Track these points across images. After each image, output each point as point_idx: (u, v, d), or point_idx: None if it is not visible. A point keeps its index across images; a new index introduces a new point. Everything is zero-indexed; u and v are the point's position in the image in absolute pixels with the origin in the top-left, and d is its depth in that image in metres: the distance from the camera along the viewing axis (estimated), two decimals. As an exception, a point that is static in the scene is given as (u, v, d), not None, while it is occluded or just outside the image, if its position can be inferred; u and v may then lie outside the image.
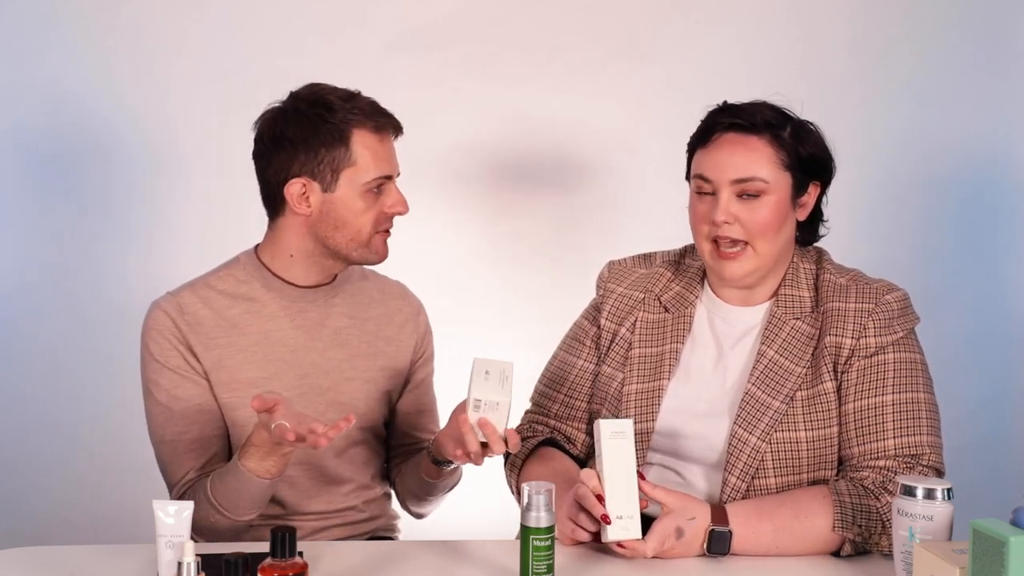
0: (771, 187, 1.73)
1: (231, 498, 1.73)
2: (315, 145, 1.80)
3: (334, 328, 1.91)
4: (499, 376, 1.65)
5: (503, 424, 1.64)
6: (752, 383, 1.75)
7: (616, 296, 1.90)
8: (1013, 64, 2.79)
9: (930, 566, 1.35)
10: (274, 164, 1.83)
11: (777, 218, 1.75)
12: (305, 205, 1.82)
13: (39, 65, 2.71)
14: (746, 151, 1.74)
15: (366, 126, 1.82)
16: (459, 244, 2.81)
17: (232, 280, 1.88)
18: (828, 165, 1.81)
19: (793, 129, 1.76)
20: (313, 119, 1.80)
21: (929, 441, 1.69)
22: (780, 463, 1.72)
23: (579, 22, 2.78)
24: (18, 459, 2.76)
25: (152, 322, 1.84)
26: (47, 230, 2.76)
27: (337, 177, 1.81)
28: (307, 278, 1.89)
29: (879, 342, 1.73)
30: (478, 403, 1.63)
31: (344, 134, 1.80)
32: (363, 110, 1.82)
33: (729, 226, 1.73)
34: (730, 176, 1.73)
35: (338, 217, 1.83)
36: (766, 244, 1.75)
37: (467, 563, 1.63)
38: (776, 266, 1.81)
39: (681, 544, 1.60)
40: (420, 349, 2.01)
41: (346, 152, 1.80)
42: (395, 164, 1.88)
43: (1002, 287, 2.83)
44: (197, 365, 1.83)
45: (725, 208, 1.73)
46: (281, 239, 1.87)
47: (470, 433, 1.64)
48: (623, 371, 1.84)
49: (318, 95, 1.82)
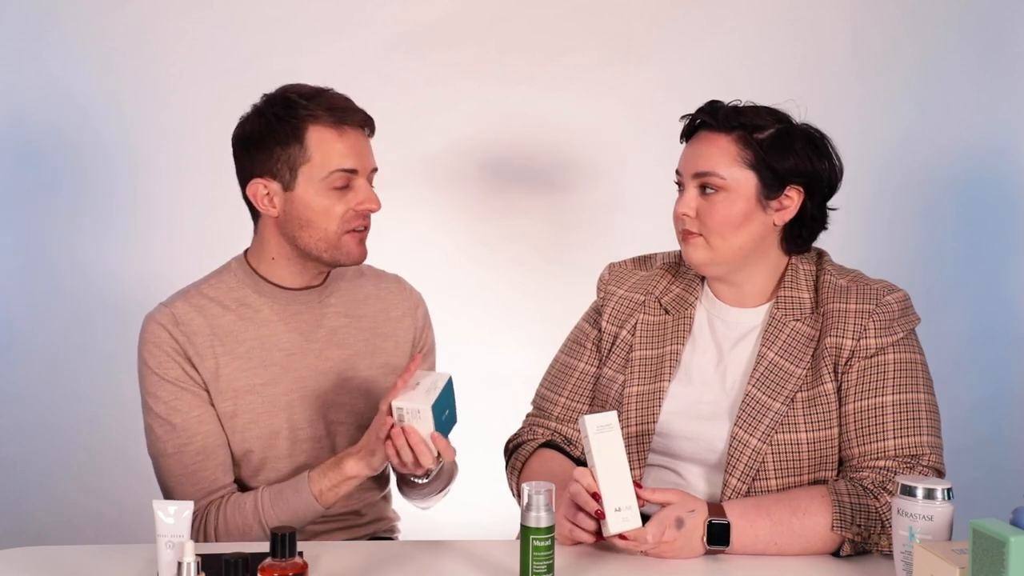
0: (728, 184, 1.75)
1: (284, 513, 1.77)
2: (270, 143, 1.79)
3: (330, 328, 1.90)
4: (427, 388, 1.68)
5: (428, 428, 1.66)
6: (752, 385, 1.75)
7: (617, 298, 1.90)
8: (1013, 64, 2.79)
9: (930, 566, 1.35)
10: (238, 164, 1.84)
11: (733, 215, 1.75)
12: (271, 205, 1.81)
13: (39, 65, 2.71)
14: (709, 147, 1.77)
15: (323, 121, 1.78)
16: (458, 244, 2.81)
17: (224, 287, 1.87)
18: (814, 174, 1.78)
19: (776, 133, 1.76)
20: (270, 118, 1.79)
21: (929, 442, 1.69)
22: (781, 464, 1.72)
23: (579, 22, 2.78)
24: (18, 459, 2.76)
25: (148, 335, 1.82)
26: (47, 229, 2.76)
27: (295, 175, 1.79)
28: (294, 280, 1.88)
29: (879, 343, 1.73)
30: (399, 411, 1.66)
31: (299, 131, 1.78)
32: (323, 105, 1.79)
33: (689, 219, 1.78)
34: (692, 169, 1.78)
35: (301, 216, 1.81)
36: (720, 240, 1.76)
37: (467, 563, 1.63)
38: (754, 265, 1.80)
39: (682, 537, 1.60)
40: (420, 343, 2.00)
41: (300, 148, 1.78)
42: (360, 158, 1.82)
43: (1002, 287, 2.83)
44: (196, 376, 1.82)
45: (687, 201, 1.78)
46: (263, 241, 1.87)
47: (380, 446, 1.70)
48: (624, 373, 1.84)
49: (281, 94, 1.82)
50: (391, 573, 1.59)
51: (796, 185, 1.77)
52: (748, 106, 1.80)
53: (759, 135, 1.76)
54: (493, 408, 2.28)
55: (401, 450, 1.67)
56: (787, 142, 1.76)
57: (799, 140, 1.78)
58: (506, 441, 1.94)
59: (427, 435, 1.66)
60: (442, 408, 1.67)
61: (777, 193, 1.77)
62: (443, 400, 1.68)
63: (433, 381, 1.69)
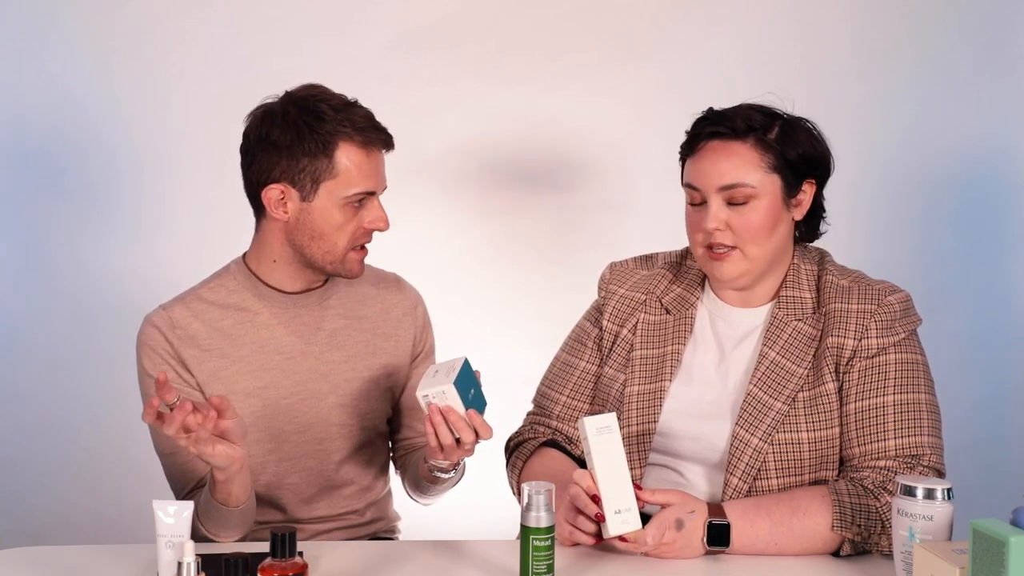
0: (759, 191, 1.74)
1: (217, 525, 1.72)
2: (298, 153, 1.77)
3: (330, 330, 1.90)
4: (446, 371, 1.67)
5: (460, 407, 1.65)
6: (754, 384, 1.75)
7: (618, 298, 1.90)
8: (1013, 64, 2.79)
9: (930, 566, 1.35)
10: (256, 164, 1.81)
11: (768, 221, 1.75)
12: (283, 211, 1.80)
13: (39, 65, 2.71)
14: (730, 157, 1.74)
15: (354, 140, 1.78)
16: (458, 244, 2.81)
17: (223, 291, 1.87)
18: (821, 162, 1.80)
19: (780, 129, 1.76)
20: (300, 126, 1.76)
21: (929, 442, 1.69)
22: (782, 464, 1.72)
23: (579, 22, 2.78)
24: (18, 459, 2.76)
25: (145, 337, 1.82)
26: (47, 230, 2.76)
27: (317, 188, 1.78)
28: (294, 283, 1.87)
29: (881, 343, 1.73)
30: (425, 398, 1.65)
31: (329, 146, 1.77)
32: (354, 123, 1.78)
33: (721, 233, 1.75)
34: (716, 184, 1.74)
35: (314, 228, 1.80)
36: (757, 248, 1.75)
37: (467, 563, 1.63)
38: (773, 267, 1.81)
39: (682, 538, 1.60)
40: (420, 343, 2.00)
41: (329, 164, 1.77)
42: (380, 180, 1.84)
43: (1002, 287, 2.83)
44: (190, 379, 1.82)
45: (715, 216, 1.74)
46: (265, 243, 1.86)
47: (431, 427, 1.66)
48: (625, 373, 1.84)
49: (310, 101, 1.79)
50: (391, 573, 1.59)
51: (810, 178, 1.78)
52: (742, 107, 1.78)
53: (770, 135, 1.75)
54: (493, 408, 2.26)
55: (439, 429, 1.65)
56: (791, 135, 1.76)
57: (799, 131, 1.78)
58: (507, 440, 1.94)
59: (460, 409, 1.65)
60: (466, 387, 1.66)
61: (796, 190, 1.78)
62: (465, 380, 1.66)
63: (450, 365, 1.68)
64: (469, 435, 1.67)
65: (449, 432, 1.66)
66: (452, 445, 1.67)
